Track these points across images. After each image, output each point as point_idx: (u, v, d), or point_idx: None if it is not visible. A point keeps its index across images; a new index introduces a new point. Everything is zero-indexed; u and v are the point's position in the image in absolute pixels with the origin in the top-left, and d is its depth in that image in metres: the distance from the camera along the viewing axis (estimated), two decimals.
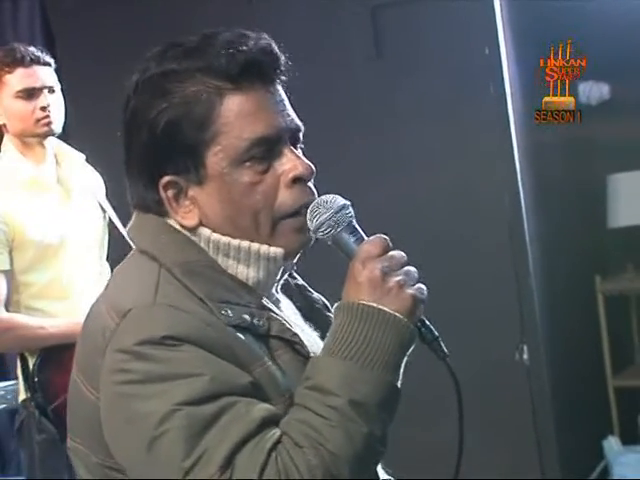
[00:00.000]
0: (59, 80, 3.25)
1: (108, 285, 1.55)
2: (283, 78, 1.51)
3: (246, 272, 1.50)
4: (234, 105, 1.45)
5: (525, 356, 3.95)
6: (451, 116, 3.98)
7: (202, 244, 1.49)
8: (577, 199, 4.64)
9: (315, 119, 4.18)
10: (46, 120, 3.17)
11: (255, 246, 1.48)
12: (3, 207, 3.11)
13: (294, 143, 1.51)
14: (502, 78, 3.89)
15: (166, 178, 1.47)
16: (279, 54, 1.50)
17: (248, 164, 1.45)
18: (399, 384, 1.39)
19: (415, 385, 1.49)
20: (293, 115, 1.51)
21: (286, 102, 1.51)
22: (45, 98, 3.17)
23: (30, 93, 3.16)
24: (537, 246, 4.02)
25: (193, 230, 1.50)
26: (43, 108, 3.16)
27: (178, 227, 1.50)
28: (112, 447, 1.42)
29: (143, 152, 1.48)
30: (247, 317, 1.44)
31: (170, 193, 1.48)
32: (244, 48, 1.45)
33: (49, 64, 3.22)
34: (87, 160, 3.36)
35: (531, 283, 3.95)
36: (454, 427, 1.48)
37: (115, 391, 1.38)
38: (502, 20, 3.91)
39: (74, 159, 3.32)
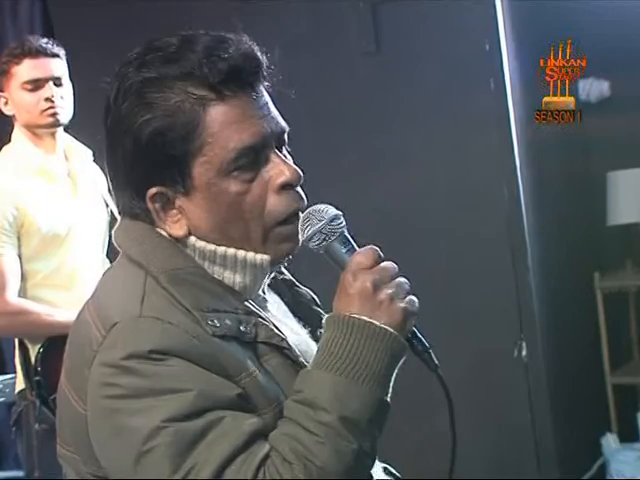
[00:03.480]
0: None
1: (95, 291, 1.54)
2: (266, 83, 1.49)
3: (233, 278, 1.49)
4: (218, 115, 1.43)
5: (523, 352, 3.95)
6: (451, 111, 3.98)
7: (188, 251, 1.48)
8: (576, 196, 4.64)
9: (314, 113, 4.20)
10: (50, 111, 3.18)
11: (241, 253, 1.47)
12: (14, 192, 3.12)
13: (280, 146, 1.49)
14: (502, 74, 3.88)
15: (153, 190, 1.45)
16: (261, 58, 1.47)
17: (235, 174, 1.44)
18: (389, 398, 1.38)
19: (410, 377, 1.49)
20: (278, 117, 1.49)
21: (270, 105, 1.49)
22: (50, 89, 3.18)
23: (35, 84, 3.18)
24: (536, 243, 4.01)
25: (180, 238, 1.48)
26: (47, 99, 3.17)
27: (165, 234, 1.49)
28: (100, 458, 1.42)
29: (128, 163, 1.46)
30: (234, 325, 1.42)
31: (157, 205, 1.46)
32: (225, 55, 1.42)
33: (57, 55, 3.23)
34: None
35: (530, 280, 3.95)
36: (445, 420, 1.48)
37: (102, 405, 1.38)
38: (502, 16, 3.90)
39: (82, 154, 3.34)
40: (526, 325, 3.96)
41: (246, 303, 1.48)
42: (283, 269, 1.68)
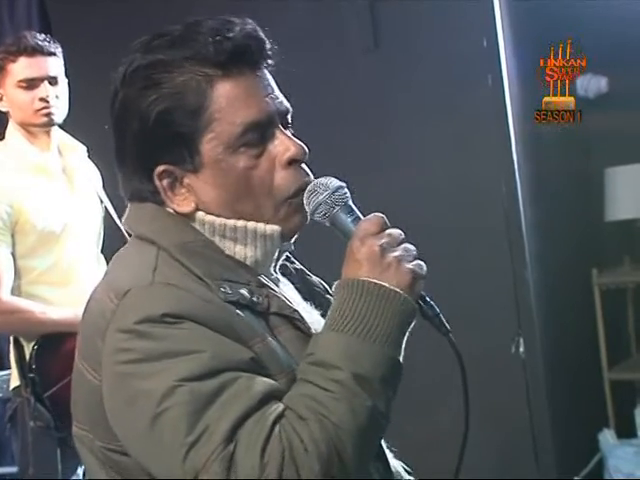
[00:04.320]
0: None
1: (107, 271, 1.56)
2: (270, 62, 1.52)
3: (244, 251, 1.50)
4: (225, 91, 1.46)
5: (521, 349, 3.96)
6: (449, 108, 3.98)
7: (198, 227, 1.50)
8: (574, 192, 4.64)
9: (313, 110, 4.19)
10: (45, 111, 3.17)
11: (252, 225, 1.49)
12: (9, 190, 3.12)
13: (284, 125, 1.52)
14: (500, 70, 3.88)
15: (160, 167, 1.47)
16: (264, 38, 1.50)
17: (242, 149, 1.46)
18: (401, 359, 1.39)
19: (416, 376, 1.49)
20: (282, 97, 1.53)
21: (274, 85, 1.52)
22: (45, 89, 3.17)
23: (30, 83, 3.17)
24: (534, 239, 4.02)
25: (189, 215, 1.50)
26: (42, 99, 3.16)
27: (174, 213, 1.51)
28: (115, 427, 1.42)
29: (136, 144, 1.48)
30: (246, 294, 1.44)
31: (165, 182, 1.48)
32: (230, 35, 1.45)
33: (54, 54, 3.21)
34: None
35: (528, 276, 3.95)
36: (451, 415, 1.49)
37: (116, 371, 1.39)
38: (500, 12, 3.91)
39: (77, 150, 3.33)
40: (524, 321, 3.97)
41: (259, 278, 1.50)
42: (293, 259, 1.70)
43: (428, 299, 1.47)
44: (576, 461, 4.31)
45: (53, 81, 3.20)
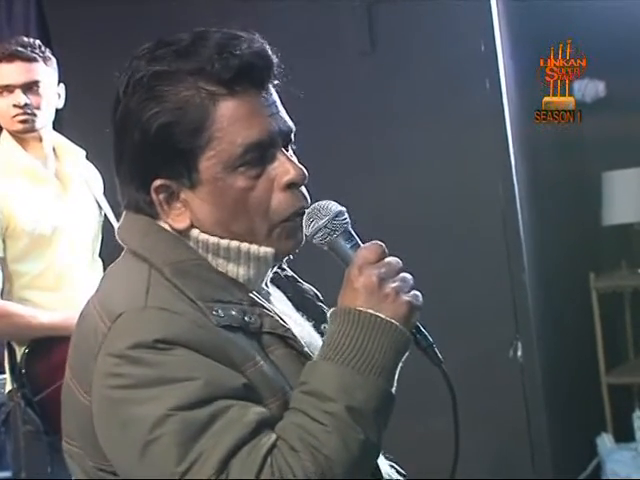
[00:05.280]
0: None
1: (100, 286, 1.54)
2: (276, 82, 1.50)
3: (236, 270, 1.49)
4: (228, 110, 1.44)
5: (519, 353, 3.95)
6: (446, 110, 3.98)
7: (191, 244, 1.49)
8: (572, 196, 4.65)
9: (310, 112, 4.18)
10: (20, 118, 3.14)
11: (245, 246, 1.48)
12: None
13: (286, 145, 1.50)
14: (497, 73, 3.89)
15: (158, 181, 1.46)
16: (272, 57, 1.48)
17: (242, 169, 1.44)
18: (394, 390, 1.39)
19: (410, 375, 1.49)
20: (285, 117, 1.51)
21: (278, 104, 1.50)
22: (19, 95, 3.12)
23: (6, 89, 3.13)
24: (531, 243, 4.02)
25: (183, 232, 1.49)
26: (15, 105, 3.12)
27: (168, 228, 1.49)
28: (106, 450, 1.41)
29: (135, 154, 1.47)
30: (239, 315, 1.43)
31: (162, 196, 1.47)
32: (237, 52, 1.43)
33: (35, 59, 3.16)
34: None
35: (525, 280, 3.95)
36: (447, 417, 1.48)
37: (108, 395, 1.38)
38: (498, 15, 3.91)
39: (74, 154, 3.32)
40: (521, 325, 3.97)
41: (250, 295, 1.49)
42: (285, 266, 1.68)
43: (422, 329, 1.46)
44: (574, 465, 4.31)
45: (33, 86, 3.15)
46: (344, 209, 1.49)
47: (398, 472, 1.67)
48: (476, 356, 3.95)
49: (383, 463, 1.61)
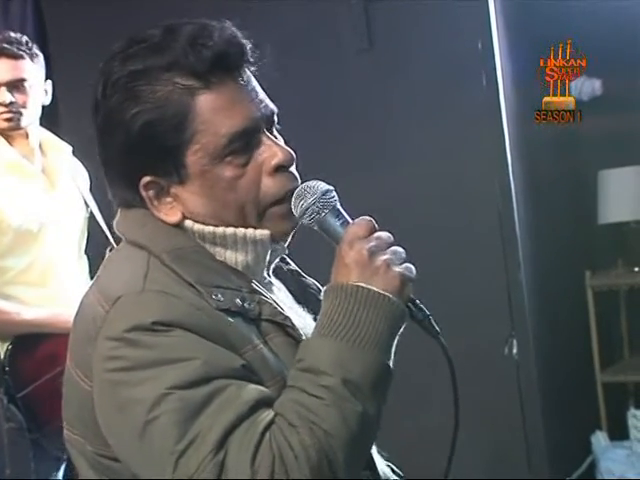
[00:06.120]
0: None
1: (98, 275, 1.55)
2: (252, 67, 1.50)
3: (234, 257, 1.50)
4: (207, 103, 1.45)
5: (514, 350, 3.96)
6: (443, 108, 3.98)
7: (188, 234, 1.50)
8: (568, 195, 4.65)
9: (307, 110, 4.19)
10: (5, 116, 3.13)
11: (241, 231, 1.49)
12: None
13: (270, 128, 1.51)
14: (494, 71, 3.89)
15: (146, 179, 1.47)
16: (244, 42, 1.48)
17: (229, 159, 1.46)
18: (391, 364, 1.39)
19: (404, 372, 1.49)
20: (266, 100, 1.51)
21: (258, 88, 1.51)
22: (4, 93, 3.11)
23: None
24: (527, 241, 4.02)
25: (177, 224, 1.50)
26: (0, 104, 3.11)
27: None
28: (106, 434, 1.42)
29: (120, 156, 1.48)
30: (238, 301, 1.44)
31: (151, 193, 1.48)
32: (209, 43, 1.44)
33: (22, 56, 3.14)
34: (75, 152, 3.34)
35: (521, 277, 3.95)
36: (441, 415, 1.49)
37: (107, 378, 1.38)
38: (495, 13, 3.91)
39: (60, 150, 3.30)
40: (517, 322, 3.97)
41: (250, 283, 1.49)
42: (288, 259, 1.70)
43: (418, 302, 1.47)
44: (568, 463, 4.31)
45: (18, 84, 3.13)
46: (331, 187, 1.50)
47: (394, 472, 1.68)
48: (471, 353, 3.95)
49: (380, 461, 1.62)
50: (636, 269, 4.61)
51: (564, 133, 4.28)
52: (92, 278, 1.61)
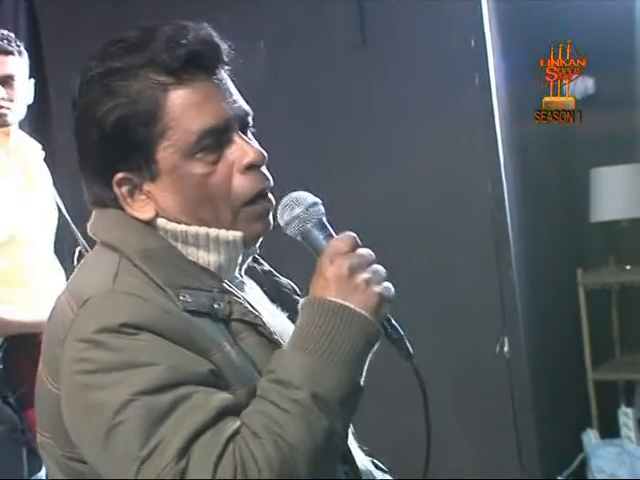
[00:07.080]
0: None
1: (71, 278, 1.56)
2: (227, 67, 1.52)
3: (207, 257, 1.50)
4: (179, 99, 1.46)
5: (506, 348, 3.96)
6: (436, 107, 3.98)
7: (161, 234, 1.50)
8: (560, 193, 4.66)
9: (299, 107, 4.18)
10: None
11: (213, 231, 1.49)
12: None
13: (243, 129, 1.52)
14: (487, 70, 3.89)
15: (119, 175, 1.48)
16: (220, 43, 1.50)
17: (199, 156, 1.47)
18: (362, 381, 1.39)
19: (385, 374, 1.49)
20: (240, 101, 1.53)
21: (232, 89, 1.52)
22: None
23: None
24: (519, 239, 4.02)
25: (151, 222, 1.50)
26: None
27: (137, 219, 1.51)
28: (73, 437, 1.42)
29: (94, 152, 1.49)
30: (207, 301, 1.44)
31: (124, 190, 1.49)
32: (184, 41, 1.45)
33: (11, 52, 3.11)
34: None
35: (513, 275, 3.96)
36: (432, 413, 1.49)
37: (73, 381, 1.39)
38: (488, 12, 3.91)
39: (34, 148, 3.28)
40: (508, 321, 3.97)
41: (222, 283, 1.49)
42: (261, 260, 1.70)
43: (393, 322, 1.47)
44: (559, 461, 4.32)
45: (9, 80, 3.11)
46: (318, 200, 1.51)
47: (378, 467, 1.68)
48: (463, 351, 3.96)
49: (360, 456, 1.62)
50: (628, 267, 4.62)
51: (556, 132, 4.28)
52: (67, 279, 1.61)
